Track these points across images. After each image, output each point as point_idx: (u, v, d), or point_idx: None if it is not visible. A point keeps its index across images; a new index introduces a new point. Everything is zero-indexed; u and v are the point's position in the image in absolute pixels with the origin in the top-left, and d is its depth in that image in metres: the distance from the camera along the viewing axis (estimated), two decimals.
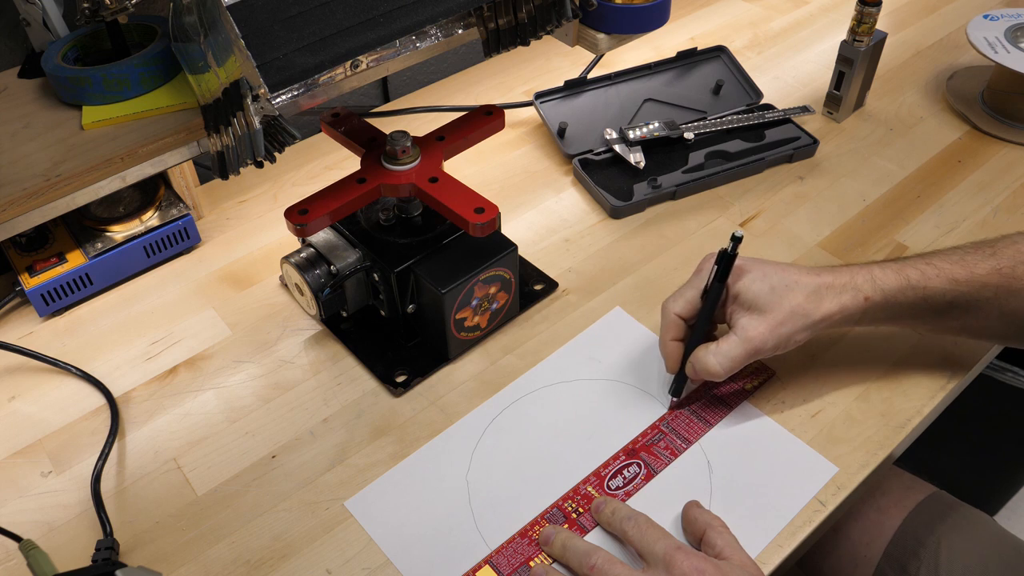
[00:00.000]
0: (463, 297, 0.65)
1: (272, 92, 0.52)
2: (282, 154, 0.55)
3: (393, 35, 0.56)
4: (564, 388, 0.67)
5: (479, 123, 0.70)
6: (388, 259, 0.65)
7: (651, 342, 0.70)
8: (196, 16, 0.49)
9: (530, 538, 0.57)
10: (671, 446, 0.62)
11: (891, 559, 0.72)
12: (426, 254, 0.66)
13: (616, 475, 0.60)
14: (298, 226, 0.61)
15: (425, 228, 0.68)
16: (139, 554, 0.57)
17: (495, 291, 0.67)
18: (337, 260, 0.67)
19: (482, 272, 0.65)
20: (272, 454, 0.63)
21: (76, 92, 0.55)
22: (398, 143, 0.64)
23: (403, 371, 0.68)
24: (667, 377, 0.65)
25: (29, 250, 0.73)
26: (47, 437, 0.65)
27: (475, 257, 0.65)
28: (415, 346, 0.70)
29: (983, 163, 0.88)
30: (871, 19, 0.86)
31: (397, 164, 0.65)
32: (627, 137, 0.86)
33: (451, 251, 0.66)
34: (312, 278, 0.67)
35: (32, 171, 0.51)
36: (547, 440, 0.63)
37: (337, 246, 0.68)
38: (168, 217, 0.76)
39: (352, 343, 0.70)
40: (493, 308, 0.69)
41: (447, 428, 0.64)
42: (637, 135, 0.86)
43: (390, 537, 0.58)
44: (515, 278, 0.69)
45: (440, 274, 0.64)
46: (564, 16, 0.63)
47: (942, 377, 0.67)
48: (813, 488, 0.59)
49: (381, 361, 0.69)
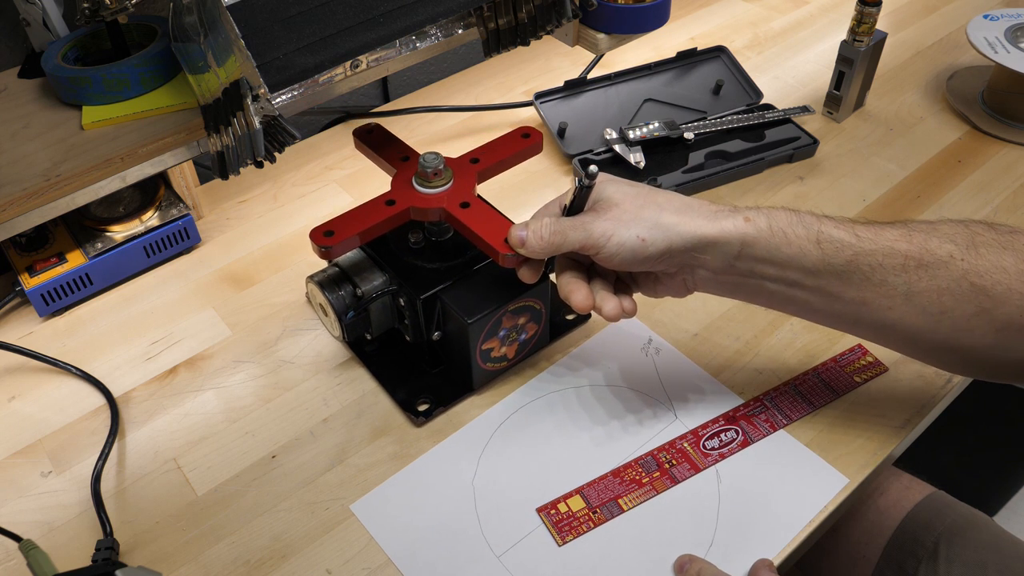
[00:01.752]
0: (490, 327, 0.62)
1: (272, 92, 0.52)
2: (282, 154, 0.55)
3: (393, 35, 0.56)
4: (572, 393, 0.66)
5: (515, 145, 0.67)
6: (415, 284, 0.63)
7: (662, 347, 0.70)
8: (196, 16, 0.49)
9: (621, 478, 0.60)
10: (771, 420, 0.63)
11: (890, 559, 0.72)
12: (454, 281, 0.63)
13: (713, 437, 0.62)
14: (323, 248, 0.58)
15: (455, 253, 0.65)
16: (139, 554, 0.57)
17: (524, 322, 0.65)
18: (363, 282, 0.65)
19: (511, 303, 0.62)
20: (272, 454, 0.63)
21: (76, 92, 0.55)
22: (430, 165, 0.62)
23: (426, 399, 0.65)
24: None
25: (29, 250, 0.73)
26: (47, 437, 0.65)
27: (505, 287, 0.63)
28: (439, 373, 0.67)
29: (983, 163, 0.88)
30: (871, 19, 0.86)
31: (428, 186, 0.62)
32: (627, 137, 0.86)
33: (481, 278, 0.64)
34: (336, 299, 0.65)
35: (32, 171, 0.51)
36: (555, 446, 0.63)
37: (363, 267, 0.66)
38: (168, 217, 0.76)
39: (375, 367, 0.68)
40: (521, 339, 0.66)
41: (453, 433, 0.64)
42: (637, 135, 0.86)
43: (395, 541, 0.58)
44: (546, 309, 0.66)
45: (467, 303, 0.61)
46: (564, 16, 0.63)
47: (942, 377, 0.67)
48: (822, 499, 0.59)
49: (404, 387, 0.66)
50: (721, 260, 0.54)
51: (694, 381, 0.67)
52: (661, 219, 0.53)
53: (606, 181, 0.57)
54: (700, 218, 0.53)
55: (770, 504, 0.59)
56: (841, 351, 0.68)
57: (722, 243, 0.53)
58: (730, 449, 0.62)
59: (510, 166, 0.68)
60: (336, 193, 0.86)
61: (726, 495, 0.59)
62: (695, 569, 0.54)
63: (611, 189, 0.56)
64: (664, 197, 0.55)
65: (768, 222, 0.53)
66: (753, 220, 0.52)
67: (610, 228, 0.53)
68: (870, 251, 0.52)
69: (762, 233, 0.52)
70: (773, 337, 0.70)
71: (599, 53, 0.72)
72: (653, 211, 0.54)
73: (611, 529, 0.58)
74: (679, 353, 0.69)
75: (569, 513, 0.58)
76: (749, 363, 0.68)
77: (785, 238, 0.52)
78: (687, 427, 0.63)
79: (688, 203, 0.55)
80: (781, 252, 0.52)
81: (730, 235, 0.53)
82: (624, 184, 0.56)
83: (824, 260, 0.52)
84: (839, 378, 0.66)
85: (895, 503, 0.74)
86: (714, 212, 0.54)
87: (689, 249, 0.53)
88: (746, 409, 0.64)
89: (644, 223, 0.53)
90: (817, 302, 0.54)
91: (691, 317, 0.72)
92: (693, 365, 0.68)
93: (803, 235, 0.52)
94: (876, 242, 0.52)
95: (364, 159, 0.70)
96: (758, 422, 0.63)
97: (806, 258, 0.52)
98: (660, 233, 0.53)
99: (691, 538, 0.57)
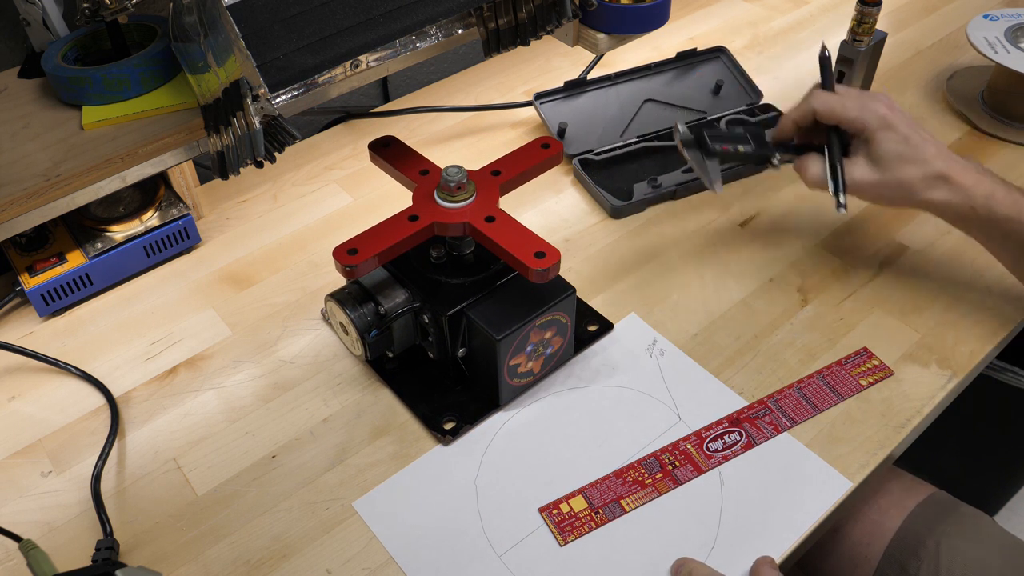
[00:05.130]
0: (518, 343, 0.61)
1: (272, 92, 0.52)
2: (282, 154, 0.55)
3: (393, 35, 0.56)
4: (576, 394, 0.66)
5: (536, 156, 0.66)
6: (440, 301, 0.61)
7: (666, 348, 0.70)
8: (196, 16, 0.49)
9: (624, 479, 0.60)
10: (775, 422, 0.63)
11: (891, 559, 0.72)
12: (479, 297, 0.62)
13: (717, 439, 0.62)
14: (347, 267, 0.57)
15: (478, 267, 0.64)
16: (139, 554, 0.57)
17: (550, 336, 0.64)
18: (385, 300, 0.63)
19: (539, 317, 0.61)
20: (272, 454, 0.63)
21: (76, 92, 0.55)
22: (453, 179, 0.61)
23: (451, 417, 0.64)
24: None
25: (29, 250, 0.73)
26: (47, 437, 0.65)
27: (531, 301, 0.62)
28: (463, 389, 0.66)
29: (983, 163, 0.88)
30: (871, 19, 0.86)
31: (451, 201, 0.61)
32: (707, 145, 0.68)
33: (506, 293, 0.62)
34: (359, 317, 0.63)
35: (32, 171, 0.51)
36: (557, 446, 0.63)
37: (385, 284, 0.64)
38: (168, 217, 0.76)
39: (397, 384, 0.67)
40: (547, 353, 0.65)
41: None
42: (718, 147, 0.68)
43: (397, 539, 0.58)
44: (571, 322, 0.65)
45: (495, 319, 0.60)
46: (564, 16, 0.63)
47: (942, 377, 0.67)
48: (825, 503, 0.59)
49: (427, 403, 0.65)
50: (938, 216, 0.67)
51: (698, 383, 0.67)
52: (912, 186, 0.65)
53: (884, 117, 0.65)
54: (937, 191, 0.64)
55: (772, 507, 0.59)
56: (846, 354, 0.68)
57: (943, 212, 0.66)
58: (733, 451, 0.62)
59: (531, 177, 0.66)
60: (336, 193, 0.86)
61: (728, 497, 0.59)
62: (687, 570, 0.55)
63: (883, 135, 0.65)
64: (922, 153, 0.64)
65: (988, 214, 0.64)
66: (976, 210, 0.64)
67: (870, 192, 0.66)
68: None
69: (981, 220, 0.64)
70: (773, 337, 0.70)
71: (599, 53, 0.72)
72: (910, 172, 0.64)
73: (613, 530, 0.58)
74: (683, 355, 0.69)
75: (571, 513, 0.58)
76: (750, 362, 0.68)
77: (999, 231, 0.65)
78: (690, 428, 0.63)
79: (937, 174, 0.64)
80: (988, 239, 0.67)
81: (954, 211, 0.65)
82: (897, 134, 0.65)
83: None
84: (844, 381, 0.66)
85: (896, 503, 0.74)
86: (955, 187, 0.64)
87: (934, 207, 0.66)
88: (750, 411, 0.64)
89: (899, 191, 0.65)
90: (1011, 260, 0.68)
91: (691, 318, 0.72)
92: (697, 367, 0.68)
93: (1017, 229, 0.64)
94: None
95: (364, 159, 0.70)
96: (762, 424, 0.63)
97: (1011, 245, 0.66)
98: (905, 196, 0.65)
99: (693, 540, 0.57)
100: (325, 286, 0.75)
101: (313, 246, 0.80)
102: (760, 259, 0.77)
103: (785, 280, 0.75)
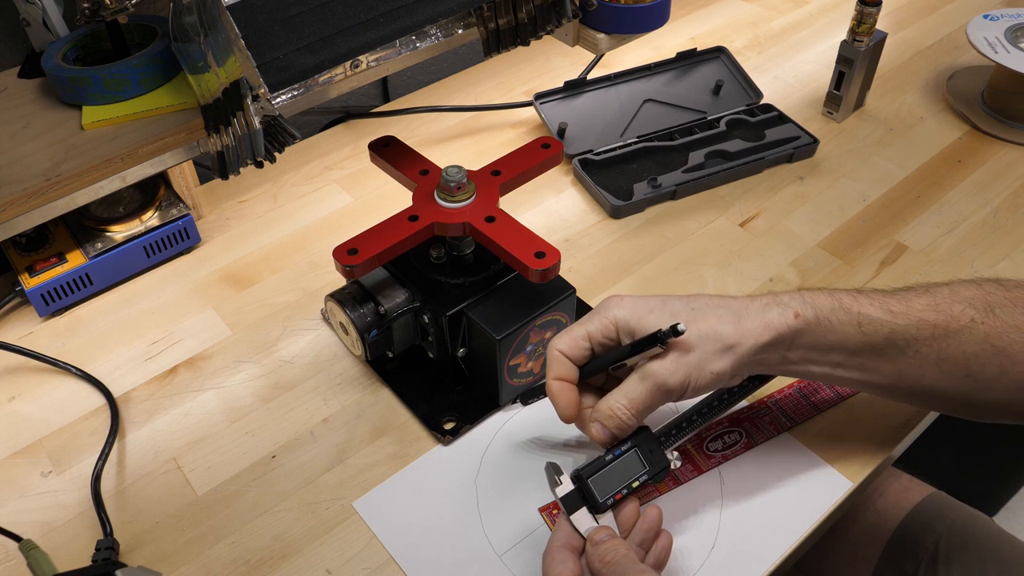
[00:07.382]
0: (518, 343, 0.61)
1: (272, 92, 0.52)
2: (282, 154, 0.55)
3: (393, 35, 0.56)
4: None
5: (536, 156, 0.66)
6: (440, 301, 0.61)
7: None
8: (196, 16, 0.49)
9: None
10: (776, 422, 0.63)
11: (890, 560, 0.72)
12: (479, 297, 0.62)
13: (717, 439, 0.62)
14: (347, 267, 0.57)
15: (478, 267, 0.64)
16: (139, 554, 0.57)
17: (551, 336, 0.64)
18: (385, 300, 0.63)
19: (539, 317, 0.61)
20: (272, 454, 0.63)
21: (76, 92, 0.55)
22: (453, 179, 0.61)
23: (451, 417, 0.64)
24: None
25: (29, 250, 0.73)
26: (47, 437, 0.65)
27: (532, 301, 0.62)
28: (463, 389, 0.66)
29: (983, 163, 0.88)
30: (871, 19, 0.86)
31: (452, 201, 0.61)
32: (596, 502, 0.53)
33: (506, 293, 0.62)
34: (358, 318, 0.62)
35: (32, 171, 0.51)
36: (557, 446, 0.63)
37: (385, 284, 0.64)
38: (168, 217, 0.76)
39: (397, 384, 0.67)
40: None
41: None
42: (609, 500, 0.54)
43: (397, 539, 0.58)
44: (571, 322, 0.64)
45: (495, 319, 0.60)
46: (564, 16, 0.63)
47: None
48: (824, 504, 0.59)
49: (427, 404, 0.65)
50: (776, 355, 0.54)
51: None
52: (722, 335, 0.52)
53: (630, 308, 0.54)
54: (751, 322, 0.53)
55: (772, 507, 0.59)
56: None
57: (776, 342, 0.53)
58: (733, 451, 0.62)
59: (531, 177, 0.66)
60: (336, 193, 0.86)
61: (728, 497, 0.59)
62: (603, 550, 0.50)
63: (640, 313, 0.53)
64: (699, 302, 0.54)
65: (815, 313, 0.53)
66: (802, 315, 0.53)
67: (683, 376, 0.52)
68: (904, 326, 0.53)
69: (809, 324, 0.53)
70: None
71: (599, 53, 0.72)
72: (701, 322, 0.52)
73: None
74: None
75: None
76: None
77: (830, 326, 0.53)
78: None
79: (731, 305, 0.54)
80: (827, 339, 0.54)
81: (783, 334, 0.53)
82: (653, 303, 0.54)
83: (865, 341, 0.53)
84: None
85: (895, 504, 0.75)
86: (763, 307, 0.54)
87: (752, 358, 0.53)
88: (751, 411, 0.64)
89: (704, 345, 0.52)
90: (856, 377, 0.55)
91: None
92: None
93: (845, 320, 0.53)
94: (908, 316, 0.53)
95: (364, 159, 0.70)
96: (762, 424, 0.63)
97: (849, 341, 0.54)
98: (728, 359, 0.52)
99: (693, 540, 0.57)
100: (325, 286, 0.75)
101: (313, 246, 0.80)
102: (760, 259, 0.77)
103: (785, 280, 0.75)
